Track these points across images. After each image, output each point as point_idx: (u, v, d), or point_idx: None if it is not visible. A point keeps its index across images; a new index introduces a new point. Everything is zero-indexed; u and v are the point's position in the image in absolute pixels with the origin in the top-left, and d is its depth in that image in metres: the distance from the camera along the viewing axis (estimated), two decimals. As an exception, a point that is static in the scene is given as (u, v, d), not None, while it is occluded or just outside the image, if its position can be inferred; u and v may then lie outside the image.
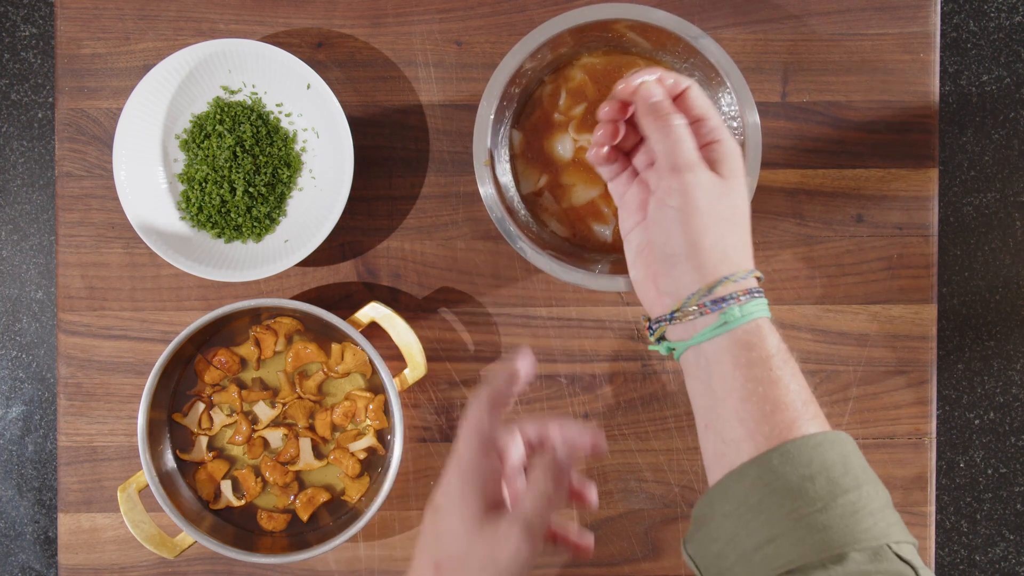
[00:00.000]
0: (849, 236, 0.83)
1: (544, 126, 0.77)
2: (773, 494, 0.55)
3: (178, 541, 0.79)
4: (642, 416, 0.84)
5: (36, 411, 1.55)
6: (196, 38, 0.83)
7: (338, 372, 0.82)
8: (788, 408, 0.57)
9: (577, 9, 0.71)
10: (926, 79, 0.83)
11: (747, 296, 0.59)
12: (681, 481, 0.83)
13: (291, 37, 0.83)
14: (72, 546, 0.84)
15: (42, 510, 1.54)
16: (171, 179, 0.82)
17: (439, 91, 0.84)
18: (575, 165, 0.77)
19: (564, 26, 0.71)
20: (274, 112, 0.83)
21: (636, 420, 0.84)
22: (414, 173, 0.84)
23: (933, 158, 0.83)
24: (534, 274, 0.84)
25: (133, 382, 0.84)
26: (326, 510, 0.83)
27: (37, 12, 1.56)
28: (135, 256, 0.84)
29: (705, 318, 0.59)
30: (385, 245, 0.84)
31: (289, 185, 0.83)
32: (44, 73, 1.55)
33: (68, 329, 0.84)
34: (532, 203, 0.78)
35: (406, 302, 0.84)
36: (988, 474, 1.52)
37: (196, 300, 0.84)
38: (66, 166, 0.84)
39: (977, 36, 1.52)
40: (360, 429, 0.82)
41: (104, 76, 0.84)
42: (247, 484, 0.82)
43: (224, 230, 0.81)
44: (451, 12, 0.83)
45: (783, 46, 0.83)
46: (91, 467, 0.84)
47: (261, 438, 0.82)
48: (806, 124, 0.83)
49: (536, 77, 0.77)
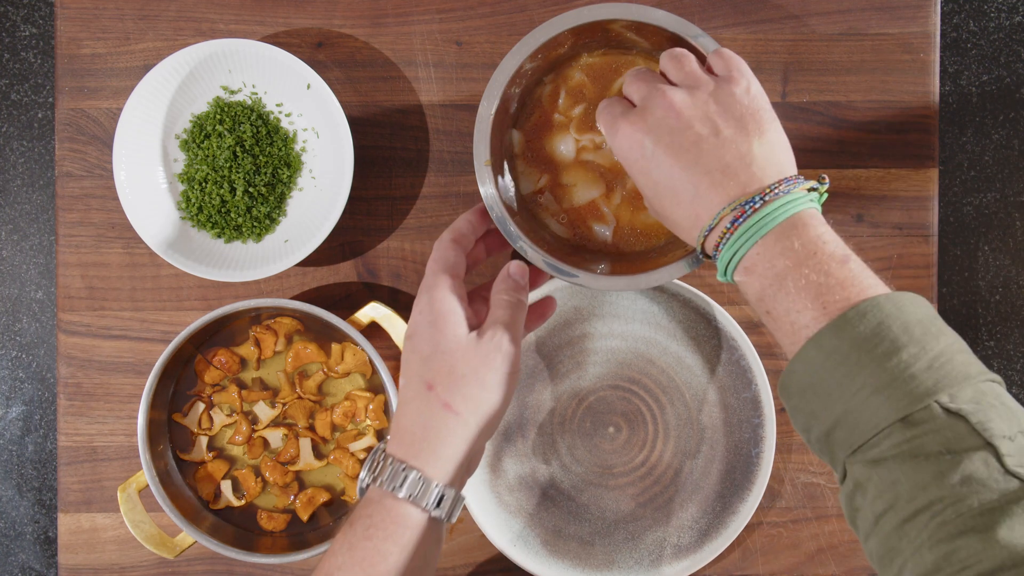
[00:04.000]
0: (849, 236, 0.83)
1: (544, 126, 0.77)
2: (821, 383, 0.54)
3: (178, 541, 0.79)
4: (642, 416, 0.83)
5: (36, 411, 1.55)
6: (196, 38, 0.83)
7: (338, 372, 0.82)
8: (825, 292, 0.55)
9: (577, 9, 0.71)
10: (926, 79, 0.83)
11: (772, 195, 0.58)
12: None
13: (291, 37, 0.83)
14: (72, 546, 0.84)
15: (42, 510, 1.54)
16: (171, 179, 0.82)
17: (439, 91, 0.84)
18: (575, 165, 0.77)
19: (564, 26, 0.71)
20: (274, 112, 0.83)
21: (636, 420, 0.83)
22: (414, 173, 0.84)
23: (933, 158, 0.83)
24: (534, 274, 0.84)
25: (133, 382, 0.84)
26: (326, 510, 0.83)
27: (37, 12, 1.56)
28: (135, 256, 0.84)
29: (735, 231, 0.58)
30: (385, 245, 0.84)
31: (289, 185, 0.83)
32: (44, 73, 1.55)
33: (68, 329, 0.84)
34: (532, 203, 0.78)
35: (406, 302, 0.84)
36: (988, 474, 1.51)
37: (196, 300, 0.84)
38: (66, 166, 0.84)
39: (977, 36, 1.52)
40: (360, 429, 0.82)
41: (104, 76, 0.84)
42: (247, 484, 0.82)
43: (224, 230, 0.81)
44: (451, 12, 0.83)
45: (783, 46, 0.83)
46: (91, 467, 0.84)
47: (261, 438, 0.82)
48: (806, 124, 0.83)
49: (536, 77, 0.77)
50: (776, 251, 0.57)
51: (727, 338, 0.81)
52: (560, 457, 0.83)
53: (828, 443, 0.55)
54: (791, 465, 0.84)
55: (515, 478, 0.83)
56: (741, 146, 0.60)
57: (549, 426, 0.83)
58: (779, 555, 0.84)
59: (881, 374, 0.52)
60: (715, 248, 0.60)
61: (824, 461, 0.58)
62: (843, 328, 0.54)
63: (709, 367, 0.83)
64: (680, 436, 0.83)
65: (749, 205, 0.58)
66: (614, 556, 0.82)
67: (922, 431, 0.51)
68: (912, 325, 0.53)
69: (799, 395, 0.56)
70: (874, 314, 0.53)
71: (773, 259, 0.57)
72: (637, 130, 0.62)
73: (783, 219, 0.57)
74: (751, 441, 0.82)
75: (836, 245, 0.57)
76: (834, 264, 0.56)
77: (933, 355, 0.52)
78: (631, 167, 0.64)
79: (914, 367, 0.52)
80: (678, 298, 0.82)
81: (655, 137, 0.62)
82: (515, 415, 0.83)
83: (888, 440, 0.51)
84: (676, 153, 0.61)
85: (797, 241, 0.57)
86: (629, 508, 0.83)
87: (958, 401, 0.51)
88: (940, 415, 0.51)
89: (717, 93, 0.62)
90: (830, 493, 0.84)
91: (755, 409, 0.82)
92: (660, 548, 0.83)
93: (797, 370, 0.56)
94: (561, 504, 0.83)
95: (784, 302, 0.56)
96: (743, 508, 0.82)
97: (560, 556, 0.83)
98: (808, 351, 0.55)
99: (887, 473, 0.51)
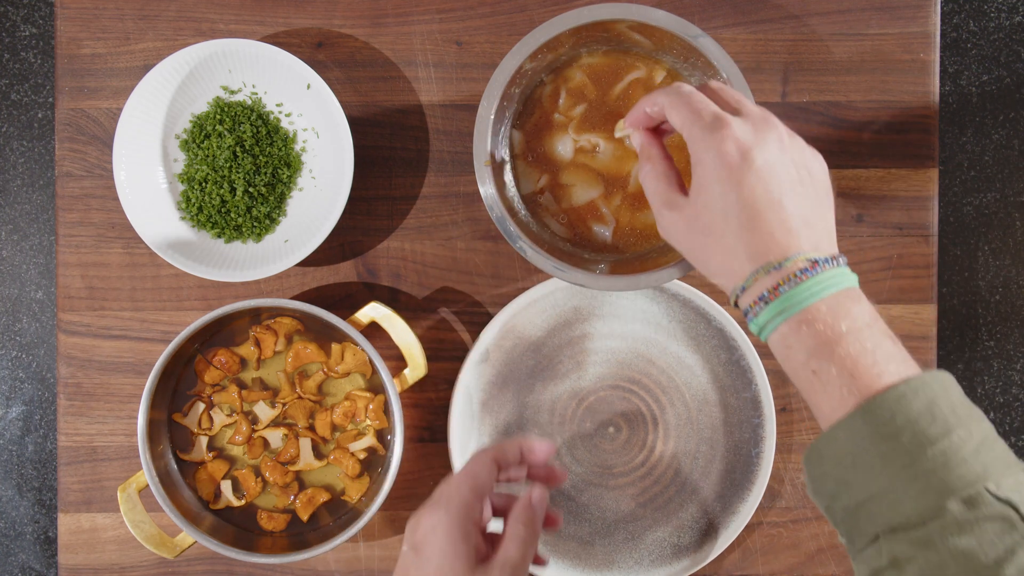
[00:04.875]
0: (849, 236, 0.83)
1: (544, 126, 0.77)
2: (862, 454, 0.53)
3: (178, 541, 0.79)
4: (642, 416, 0.83)
5: (36, 411, 1.55)
6: (196, 38, 0.83)
7: (338, 372, 0.82)
8: (867, 370, 0.54)
9: (577, 9, 0.71)
10: (926, 79, 0.83)
11: (805, 274, 0.55)
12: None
13: (291, 37, 0.83)
14: (72, 546, 0.84)
15: (42, 510, 1.54)
16: (171, 179, 0.82)
17: (439, 91, 0.84)
18: (575, 165, 0.77)
19: (564, 26, 0.71)
20: (274, 112, 0.83)
21: (636, 420, 0.83)
22: (414, 173, 0.84)
23: (933, 158, 0.83)
24: (534, 274, 0.84)
25: (133, 382, 0.84)
26: (326, 510, 0.83)
27: (37, 12, 1.56)
28: (135, 256, 0.84)
29: (766, 305, 0.56)
30: (385, 245, 0.84)
31: (289, 185, 0.83)
32: (44, 73, 1.55)
33: (68, 329, 0.84)
34: (532, 203, 0.78)
35: (406, 302, 0.84)
36: (988, 474, 1.51)
37: (196, 300, 0.84)
38: (66, 166, 0.84)
39: (977, 36, 1.52)
40: (360, 429, 0.82)
41: (104, 76, 0.84)
42: (247, 484, 0.82)
43: (224, 230, 0.81)
44: (451, 12, 0.83)
45: (783, 46, 0.83)
46: (91, 467, 0.84)
47: (261, 438, 0.82)
48: (806, 124, 0.83)
49: (536, 77, 0.77)
50: (839, 313, 0.55)
51: (727, 338, 0.81)
52: (560, 457, 0.83)
53: (857, 515, 0.54)
54: (791, 465, 0.84)
55: (515, 478, 0.83)
56: (824, 201, 0.59)
57: (549, 426, 0.83)
58: (779, 555, 0.84)
59: (932, 454, 0.51)
60: (772, 290, 0.57)
61: (839, 530, 0.57)
62: (897, 402, 0.53)
63: (709, 367, 0.83)
64: (680, 436, 0.83)
65: (826, 262, 0.56)
66: (614, 556, 0.82)
67: (974, 517, 0.50)
68: (958, 407, 0.53)
69: (834, 462, 0.55)
70: (926, 392, 0.53)
71: (836, 320, 0.55)
72: (746, 144, 0.57)
73: (845, 285, 0.56)
74: (751, 441, 0.82)
75: (884, 322, 0.57)
76: (888, 340, 0.55)
77: (979, 439, 0.52)
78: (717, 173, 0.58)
79: (963, 451, 0.51)
80: (678, 298, 0.82)
81: (766, 158, 0.57)
82: (515, 415, 0.83)
83: (937, 522, 0.51)
84: (780, 184, 0.57)
85: (856, 307, 0.56)
86: (629, 508, 0.83)
87: (1004, 489, 0.50)
88: (991, 502, 0.50)
89: (794, 140, 0.60)
90: (830, 493, 0.84)
91: (755, 409, 0.82)
92: (660, 548, 0.83)
93: (839, 438, 0.54)
94: (561, 504, 0.83)
95: (834, 366, 0.55)
96: (743, 508, 0.82)
97: (560, 556, 0.82)
98: (855, 421, 0.53)
99: (935, 556, 0.50)
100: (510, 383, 0.83)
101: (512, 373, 0.83)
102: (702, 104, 0.59)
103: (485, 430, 0.83)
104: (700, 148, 0.58)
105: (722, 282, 0.60)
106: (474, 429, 0.83)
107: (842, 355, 0.54)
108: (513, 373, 0.83)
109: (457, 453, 0.81)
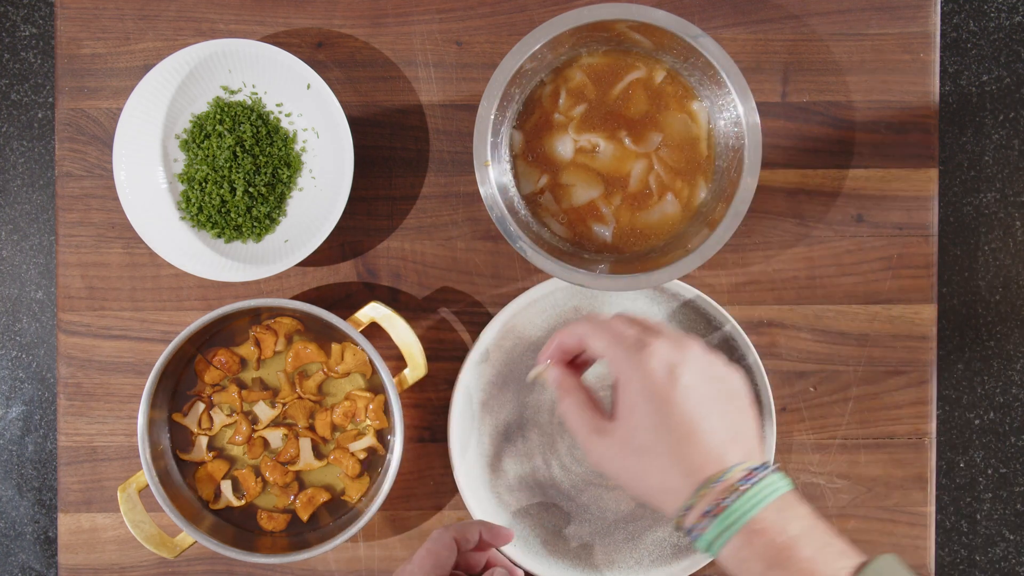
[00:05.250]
0: (849, 236, 0.83)
1: (544, 126, 0.77)
2: None
3: (178, 541, 0.79)
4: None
5: (36, 411, 1.55)
6: (196, 38, 0.83)
7: (338, 372, 0.82)
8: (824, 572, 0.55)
9: (577, 9, 0.71)
10: (926, 79, 0.83)
11: (739, 490, 0.56)
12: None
13: (291, 37, 0.83)
14: (72, 546, 0.84)
15: (42, 510, 1.54)
16: (171, 179, 0.82)
17: (439, 91, 0.84)
18: (575, 165, 0.77)
19: (564, 26, 0.71)
20: (274, 112, 0.83)
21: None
22: (414, 173, 0.84)
23: (933, 158, 0.83)
24: (534, 274, 0.84)
25: (133, 382, 0.84)
26: (326, 510, 0.83)
27: (37, 12, 1.56)
28: (135, 256, 0.84)
29: (714, 519, 0.56)
30: (385, 245, 0.84)
31: (289, 185, 0.83)
32: (44, 73, 1.55)
33: (68, 329, 0.84)
34: (532, 203, 0.78)
35: (406, 302, 0.84)
36: (988, 474, 1.52)
37: (196, 300, 0.84)
38: (66, 166, 0.84)
39: (977, 36, 1.52)
40: (360, 429, 0.82)
41: (104, 76, 0.84)
42: (247, 484, 0.82)
43: (224, 230, 0.82)
44: (451, 12, 0.83)
45: (783, 46, 0.83)
46: (91, 467, 0.84)
47: (261, 438, 0.82)
48: (806, 124, 0.83)
49: (536, 77, 0.77)
50: (787, 516, 0.56)
51: (727, 338, 0.81)
52: (560, 457, 0.83)
53: None
54: (791, 465, 0.84)
55: (515, 478, 0.83)
56: (747, 413, 0.60)
57: (549, 426, 0.83)
58: (779, 555, 0.84)
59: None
60: (716, 504, 0.57)
61: None
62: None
63: (709, 367, 0.82)
64: (680, 436, 0.83)
65: (762, 469, 0.57)
66: (614, 556, 0.82)
67: None
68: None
69: None
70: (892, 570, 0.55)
71: (785, 524, 0.56)
72: (671, 361, 0.58)
73: (785, 489, 0.57)
74: (751, 441, 0.82)
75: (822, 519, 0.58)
76: (831, 535, 0.56)
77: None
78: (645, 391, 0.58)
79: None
80: (678, 298, 0.82)
81: (692, 374, 0.59)
82: (515, 415, 0.83)
83: None
84: (707, 400, 0.58)
85: (800, 507, 0.57)
86: (629, 508, 0.83)
87: None
88: None
89: (714, 356, 0.61)
90: (830, 493, 0.84)
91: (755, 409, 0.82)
92: (660, 548, 0.82)
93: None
94: (561, 504, 0.83)
95: (799, 562, 0.55)
96: (743, 508, 0.82)
97: (560, 556, 0.82)
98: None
99: None
100: (510, 383, 0.83)
101: (512, 373, 0.83)
102: (622, 327, 0.61)
103: (485, 430, 0.83)
104: (625, 369, 0.59)
105: (661, 502, 0.59)
106: (474, 429, 0.83)
107: (800, 561, 0.55)
108: (513, 373, 0.83)
109: (457, 453, 0.81)
